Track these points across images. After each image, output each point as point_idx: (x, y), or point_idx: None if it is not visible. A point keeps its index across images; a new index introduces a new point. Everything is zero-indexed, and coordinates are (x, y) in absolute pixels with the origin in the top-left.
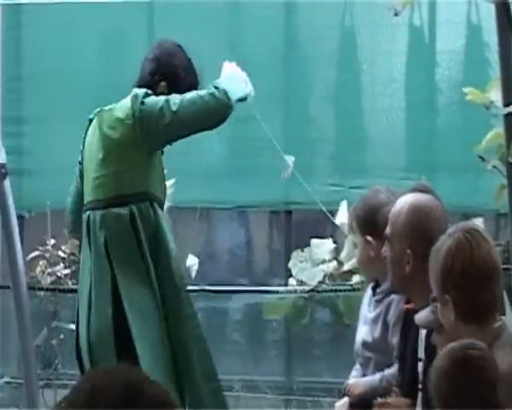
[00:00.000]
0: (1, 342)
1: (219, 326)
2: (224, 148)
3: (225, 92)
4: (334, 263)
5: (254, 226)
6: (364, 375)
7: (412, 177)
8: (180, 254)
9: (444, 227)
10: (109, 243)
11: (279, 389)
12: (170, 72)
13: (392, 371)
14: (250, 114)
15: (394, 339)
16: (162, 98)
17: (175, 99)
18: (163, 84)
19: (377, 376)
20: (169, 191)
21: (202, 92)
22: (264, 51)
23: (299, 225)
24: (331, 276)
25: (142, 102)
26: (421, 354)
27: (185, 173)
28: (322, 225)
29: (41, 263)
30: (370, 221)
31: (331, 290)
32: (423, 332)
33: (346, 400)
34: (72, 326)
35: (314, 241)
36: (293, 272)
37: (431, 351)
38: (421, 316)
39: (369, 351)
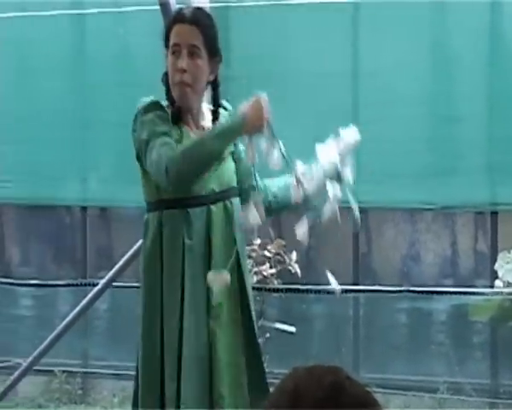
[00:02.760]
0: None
1: (424, 327)
2: (429, 148)
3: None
4: None
5: (459, 227)
6: None
7: None
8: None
9: None
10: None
11: (485, 392)
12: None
13: None
14: (455, 114)
15: None
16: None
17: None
18: None
19: None
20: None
21: (159, 152)
22: (468, 50)
23: (505, 226)
24: None
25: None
26: None
27: (390, 174)
28: None
29: (247, 262)
30: None
31: None
32: None
33: None
34: (278, 325)
35: None
36: (500, 273)
37: None
38: None
39: None
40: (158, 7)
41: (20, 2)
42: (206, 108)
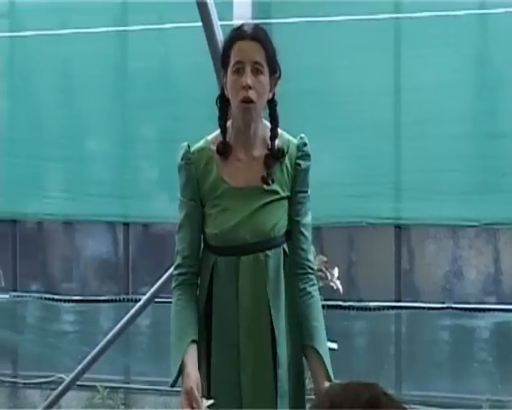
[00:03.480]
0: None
1: (466, 344)
2: (472, 165)
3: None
4: None
5: (502, 244)
6: None
7: None
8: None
9: None
10: None
11: None
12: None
13: None
14: (498, 130)
15: None
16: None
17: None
18: None
19: None
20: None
21: (174, 266)
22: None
23: None
24: None
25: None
26: None
27: (432, 191)
28: None
29: None
30: None
31: None
32: None
33: None
34: None
35: None
36: None
37: None
38: None
39: None
40: (199, 24)
41: (64, 20)
42: (267, 127)
